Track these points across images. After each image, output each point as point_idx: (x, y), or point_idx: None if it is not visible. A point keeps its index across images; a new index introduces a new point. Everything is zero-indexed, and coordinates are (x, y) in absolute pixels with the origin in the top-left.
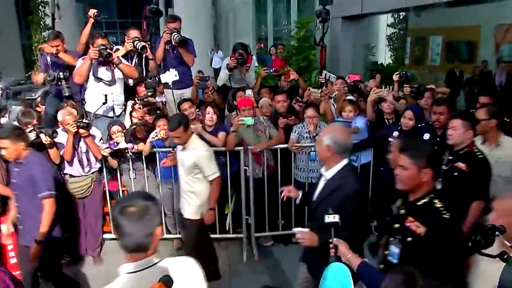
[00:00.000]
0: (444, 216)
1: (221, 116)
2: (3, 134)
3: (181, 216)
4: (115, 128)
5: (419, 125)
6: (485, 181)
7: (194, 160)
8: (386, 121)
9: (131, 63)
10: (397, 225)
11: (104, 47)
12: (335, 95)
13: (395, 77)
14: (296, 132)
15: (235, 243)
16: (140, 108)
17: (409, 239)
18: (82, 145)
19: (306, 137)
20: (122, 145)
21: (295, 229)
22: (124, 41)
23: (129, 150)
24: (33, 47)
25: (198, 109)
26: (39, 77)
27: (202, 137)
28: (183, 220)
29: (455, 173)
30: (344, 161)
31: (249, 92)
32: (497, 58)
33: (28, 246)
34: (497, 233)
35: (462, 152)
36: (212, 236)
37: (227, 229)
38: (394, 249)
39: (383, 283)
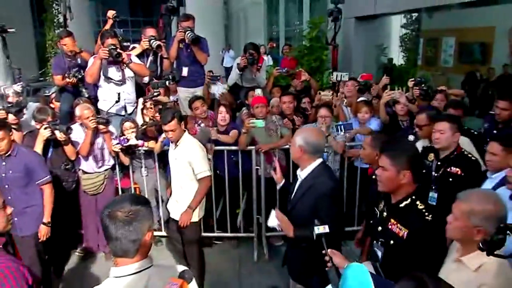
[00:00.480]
0: (427, 218)
1: (232, 116)
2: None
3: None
4: (127, 124)
5: None
6: (479, 184)
7: (188, 157)
8: (400, 123)
9: (146, 62)
10: (380, 228)
11: (114, 47)
12: (345, 97)
13: (410, 83)
14: None
15: (246, 242)
16: (151, 107)
17: (392, 242)
18: (98, 141)
19: None
20: (133, 141)
21: (273, 211)
22: (137, 40)
23: (139, 147)
24: (47, 45)
25: (209, 109)
26: (57, 78)
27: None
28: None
29: (450, 179)
30: (318, 161)
31: (258, 91)
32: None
33: (24, 236)
34: (508, 232)
35: (453, 156)
36: (223, 235)
37: (238, 227)
38: (377, 252)
39: None
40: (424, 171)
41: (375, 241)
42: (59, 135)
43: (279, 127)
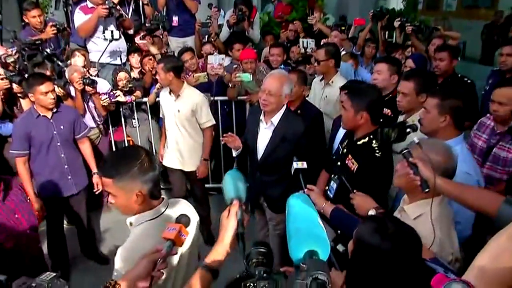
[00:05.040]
0: (376, 154)
1: None
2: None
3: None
4: (122, 74)
5: None
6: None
7: (192, 107)
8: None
9: (128, 10)
10: (339, 163)
11: (113, 5)
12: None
13: (396, 23)
14: None
15: None
16: (150, 59)
17: (345, 175)
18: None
19: None
20: (121, 98)
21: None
22: None
23: (127, 104)
24: None
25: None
26: None
27: None
28: (177, 175)
29: (381, 119)
30: (284, 106)
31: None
32: None
33: (80, 191)
34: (408, 130)
35: (387, 98)
36: (219, 186)
37: None
38: (333, 185)
39: (354, 232)
40: None
41: (332, 175)
42: (58, 90)
43: None
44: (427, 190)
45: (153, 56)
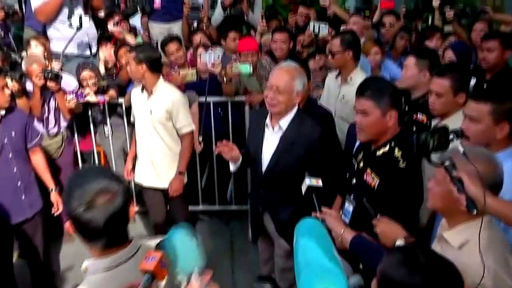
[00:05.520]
0: (400, 166)
1: None
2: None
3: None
4: (86, 73)
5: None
6: None
7: (167, 107)
8: None
9: None
10: (354, 181)
11: None
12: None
13: (435, 2)
14: None
15: (238, 217)
16: (127, 51)
17: (364, 195)
18: (52, 103)
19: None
20: (91, 98)
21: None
22: None
23: (100, 105)
24: None
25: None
26: None
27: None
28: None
29: (414, 127)
30: (296, 108)
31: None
32: None
33: (35, 214)
34: (452, 136)
35: (422, 102)
36: (212, 208)
37: (228, 200)
38: (348, 207)
39: (379, 266)
40: None
41: (347, 195)
42: (11, 84)
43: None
44: (475, 212)
45: (131, 46)
